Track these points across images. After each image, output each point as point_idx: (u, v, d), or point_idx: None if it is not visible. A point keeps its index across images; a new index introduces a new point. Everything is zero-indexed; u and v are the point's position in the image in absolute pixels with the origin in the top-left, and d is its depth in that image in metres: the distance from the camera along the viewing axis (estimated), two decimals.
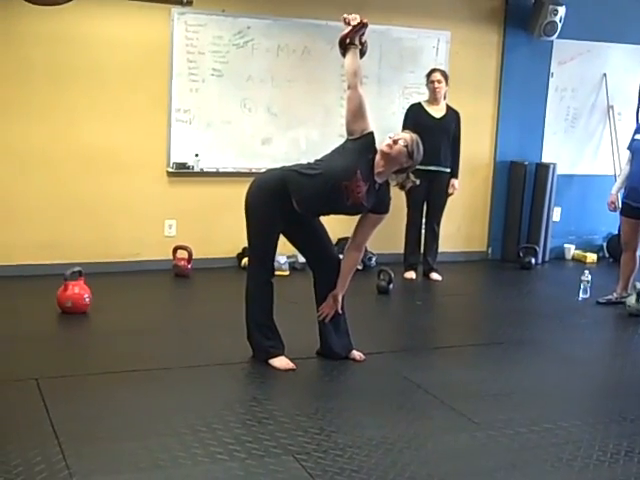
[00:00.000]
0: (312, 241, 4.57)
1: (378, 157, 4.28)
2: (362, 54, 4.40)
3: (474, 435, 3.70)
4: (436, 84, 6.73)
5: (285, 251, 5.79)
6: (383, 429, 3.70)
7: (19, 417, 3.65)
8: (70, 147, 6.35)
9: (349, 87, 4.30)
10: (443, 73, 6.80)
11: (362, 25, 4.27)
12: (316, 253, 4.60)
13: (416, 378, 4.42)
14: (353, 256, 4.49)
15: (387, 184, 4.39)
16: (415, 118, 6.75)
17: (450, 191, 6.91)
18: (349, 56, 4.30)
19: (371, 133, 4.31)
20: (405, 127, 6.77)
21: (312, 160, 4.44)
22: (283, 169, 4.45)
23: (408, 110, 6.86)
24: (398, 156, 4.27)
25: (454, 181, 6.90)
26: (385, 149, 4.25)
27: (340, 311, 4.57)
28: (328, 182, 4.23)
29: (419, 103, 6.86)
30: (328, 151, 4.43)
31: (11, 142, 6.19)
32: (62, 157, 6.34)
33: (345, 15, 4.29)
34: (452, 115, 6.83)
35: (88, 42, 6.29)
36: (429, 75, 6.79)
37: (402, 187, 4.45)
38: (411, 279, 6.91)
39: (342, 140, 4.41)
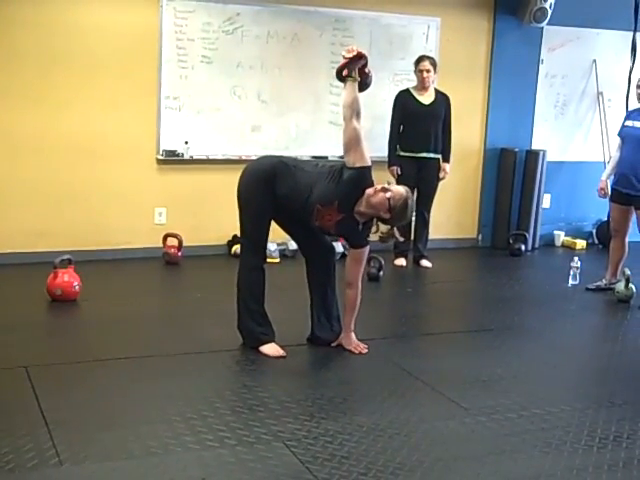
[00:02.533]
0: (303, 227, 4.56)
1: (363, 198, 4.23)
2: (367, 86, 4.35)
3: (463, 421, 3.72)
4: (424, 73, 6.69)
5: (275, 238, 5.79)
6: (373, 415, 3.71)
7: (9, 405, 3.65)
8: (60, 134, 6.32)
9: (344, 119, 4.23)
10: (432, 61, 6.75)
11: (359, 57, 4.22)
12: (308, 239, 4.61)
13: (406, 365, 4.43)
14: (347, 295, 4.51)
15: (369, 225, 4.36)
16: (403, 105, 6.75)
17: (441, 175, 6.90)
18: (347, 87, 4.25)
19: (367, 169, 4.25)
20: (394, 114, 6.78)
21: (310, 157, 4.44)
22: (279, 158, 4.48)
23: (396, 97, 6.84)
24: (378, 205, 4.21)
25: (445, 165, 6.90)
26: (369, 192, 4.21)
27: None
28: (304, 196, 4.26)
29: (407, 90, 6.84)
30: (326, 160, 4.51)
31: (1, 129, 6.15)
32: (51, 145, 6.31)
33: (342, 52, 4.27)
34: (441, 100, 6.81)
35: (78, 29, 6.25)
36: (417, 63, 6.74)
37: (382, 239, 4.41)
38: (401, 266, 6.91)
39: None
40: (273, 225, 4.52)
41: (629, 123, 6.13)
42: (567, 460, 3.37)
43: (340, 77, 4.30)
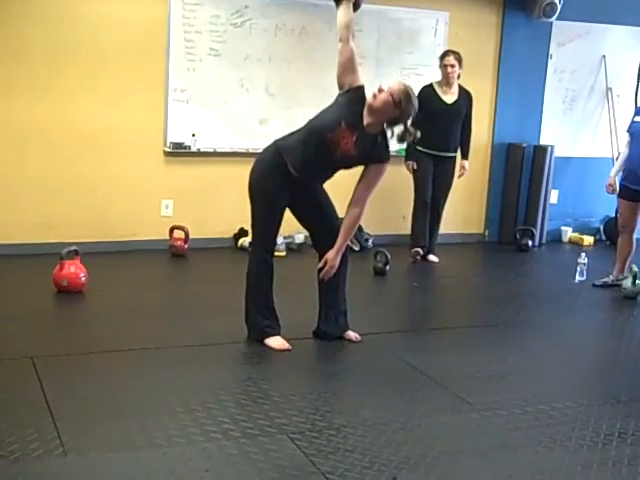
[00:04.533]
0: (317, 217, 4.53)
1: (366, 109, 4.20)
2: (357, 7, 4.36)
3: (468, 416, 3.71)
4: (449, 68, 6.60)
5: (282, 231, 5.77)
6: (378, 409, 3.71)
7: (14, 395, 3.66)
8: (67, 126, 6.32)
9: (340, 40, 4.26)
10: (457, 56, 6.64)
11: None
12: (320, 231, 4.54)
13: (412, 359, 4.43)
14: (352, 212, 4.31)
15: (384, 134, 4.27)
16: (426, 102, 6.61)
17: (460, 172, 6.88)
18: (342, 9, 4.28)
19: (361, 86, 4.26)
20: None
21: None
22: (275, 141, 4.44)
23: (420, 92, 6.70)
24: (383, 107, 4.13)
25: (464, 162, 6.86)
26: (369, 100, 4.18)
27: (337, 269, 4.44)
28: (312, 136, 4.24)
29: (431, 85, 6.74)
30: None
31: (8, 121, 6.16)
32: (59, 137, 6.31)
33: None
34: (464, 98, 6.75)
35: (86, 21, 6.25)
36: (442, 57, 6.67)
37: (400, 140, 4.30)
38: (418, 253, 6.81)
39: None
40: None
41: (638, 119, 6.11)
42: (572, 456, 3.36)
43: (337, 2, 4.30)
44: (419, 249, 6.88)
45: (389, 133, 4.28)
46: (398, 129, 4.24)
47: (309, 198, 4.47)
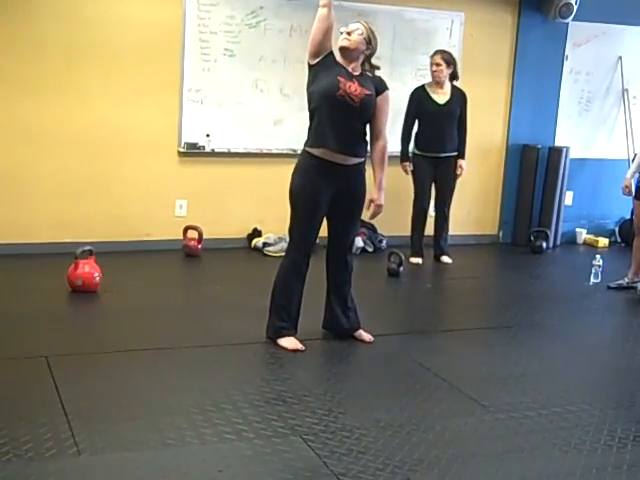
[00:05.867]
0: (343, 216, 4.54)
1: (341, 58, 4.39)
2: None
3: (482, 418, 3.70)
4: (434, 67, 6.59)
5: None
6: (391, 411, 3.70)
7: (29, 394, 3.68)
8: (82, 127, 6.34)
9: (324, 6, 4.32)
10: (444, 56, 6.61)
11: None
12: (336, 229, 4.58)
13: (425, 361, 4.42)
14: (377, 146, 4.51)
15: (366, 71, 4.47)
16: (418, 104, 6.66)
17: (458, 172, 6.84)
18: None
19: (331, 50, 4.40)
20: (409, 110, 6.71)
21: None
22: (303, 147, 4.49)
23: (412, 94, 6.73)
24: (358, 46, 4.36)
25: (461, 162, 6.83)
26: (345, 44, 4.37)
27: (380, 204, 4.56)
28: (328, 104, 4.31)
29: (422, 87, 6.73)
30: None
31: (25, 121, 6.18)
32: (74, 137, 6.34)
33: None
34: (457, 97, 6.71)
35: (101, 21, 6.27)
36: (431, 57, 6.65)
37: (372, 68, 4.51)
38: (417, 264, 6.83)
39: None
40: None
41: None
42: (586, 459, 3.34)
43: None
44: (419, 260, 6.85)
45: (367, 65, 4.47)
46: (366, 66, 4.46)
47: (349, 197, 4.47)
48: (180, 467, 3.09)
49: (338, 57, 4.40)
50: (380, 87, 4.46)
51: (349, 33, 4.36)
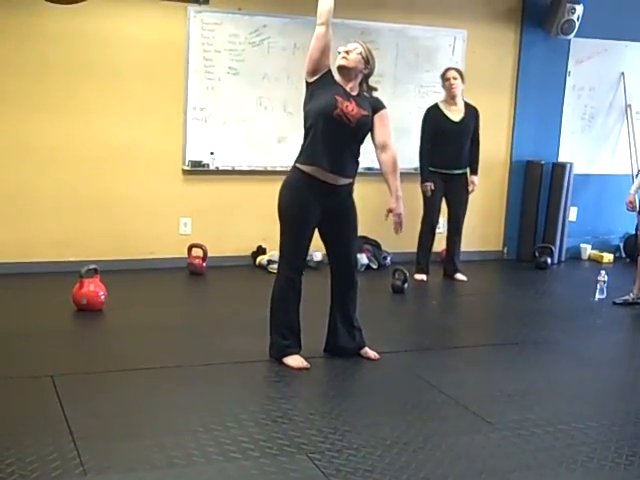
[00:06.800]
0: (340, 236, 4.55)
1: (339, 77, 4.40)
2: None
3: (489, 436, 3.68)
4: (452, 80, 6.60)
5: None
6: (397, 429, 3.69)
7: (34, 413, 3.67)
8: (86, 145, 6.37)
9: (323, 24, 4.36)
10: (458, 71, 6.70)
11: None
12: (337, 250, 4.58)
13: (431, 378, 4.40)
14: (384, 158, 4.47)
15: (363, 92, 4.48)
16: (434, 123, 6.65)
17: (470, 188, 6.85)
18: None
19: (329, 69, 4.42)
20: (425, 129, 6.70)
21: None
22: (294, 163, 4.47)
23: (426, 113, 6.73)
24: (357, 65, 4.38)
25: (474, 178, 6.85)
26: (343, 63, 4.39)
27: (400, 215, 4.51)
28: (324, 123, 4.30)
29: (436, 105, 6.74)
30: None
31: (28, 139, 6.22)
32: (78, 155, 6.36)
33: None
34: (471, 114, 6.75)
35: (105, 40, 6.31)
36: (444, 74, 6.68)
37: (370, 89, 4.53)
38: (422, 281, 6.81)
39: None
40: None
41: None
42: (594, 477, 3.33)
43: None
44: (424, 277, 6.84)
45: (364, 86, 4.49)
46: (364, 87, 4.48)
47: (340, 215, 4.49)
48: None
49: (336, 76, 4.42)
50: (377, 106, 4.47)
51: (347, 52, 4.39)
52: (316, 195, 4.36)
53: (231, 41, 6.67)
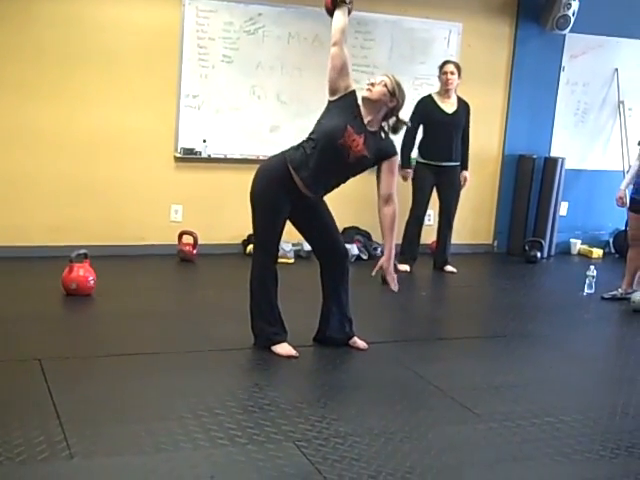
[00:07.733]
0: (318, 230, 4.56)
1: (362, 106, 4.30)
2: (349, 12, 4.41)
3: (475, 427, 3.70)
4: (449, 75, 6.61)
5: (290, 238, 5.79)
6: (384, 419, 3.70)
7: (22, 397, 3.67)
8: (79, 131, 6.35)
9: (335, 44, 4.30)
10: (457, 65, 6.68)
11: None
12: (322, 243, 4.59)
13: (419, 369, 4.42)
14: (386, 211, 4.38)
15: (384, 130, 4.39)
16: (426, 113, 6.66)
17: (462, 183, 6.87)
18: (339, 13, 4.32)
19: (354, 90, 4.33)
20: (414, 121, 6.71)
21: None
22: (283, 152, 4.44)
23: (419, 102, 6.74)
24: (381, 97, 4.28)
25: (465, 173, 6.87)
26: (366, 94, 4.29)
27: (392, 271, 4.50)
28: (323, 146, 4.25)
29: (430, 96, 6.74)
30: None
31: (22, 125, 6.19)
32: (70, 141, 6.34)
33: None
34: (463, 108, 6.76)
35: (99, 26, 6.29)
36: (442, 66, 6.68)
37: (394, 130, 4.44)
38: (405, 271, 6.78)
39: None
40: (288, 225, 4.51)
41: None
42: (578, 469, 3.35)
43: (332, 9, 4.35)
44: (407, 267, 6.83)
45: (385, 126, 4.40)
46: (392, 121, 4.38)
47: (311, 213, 4.50)
48: (173, 472, 3.08)
49: (361, 103, 4.32)
50: (389, 150, 4.37)
51: (372, 84, 4.29)
52: (288, 191, 4.34)
53: (226, 29, 6.64)
